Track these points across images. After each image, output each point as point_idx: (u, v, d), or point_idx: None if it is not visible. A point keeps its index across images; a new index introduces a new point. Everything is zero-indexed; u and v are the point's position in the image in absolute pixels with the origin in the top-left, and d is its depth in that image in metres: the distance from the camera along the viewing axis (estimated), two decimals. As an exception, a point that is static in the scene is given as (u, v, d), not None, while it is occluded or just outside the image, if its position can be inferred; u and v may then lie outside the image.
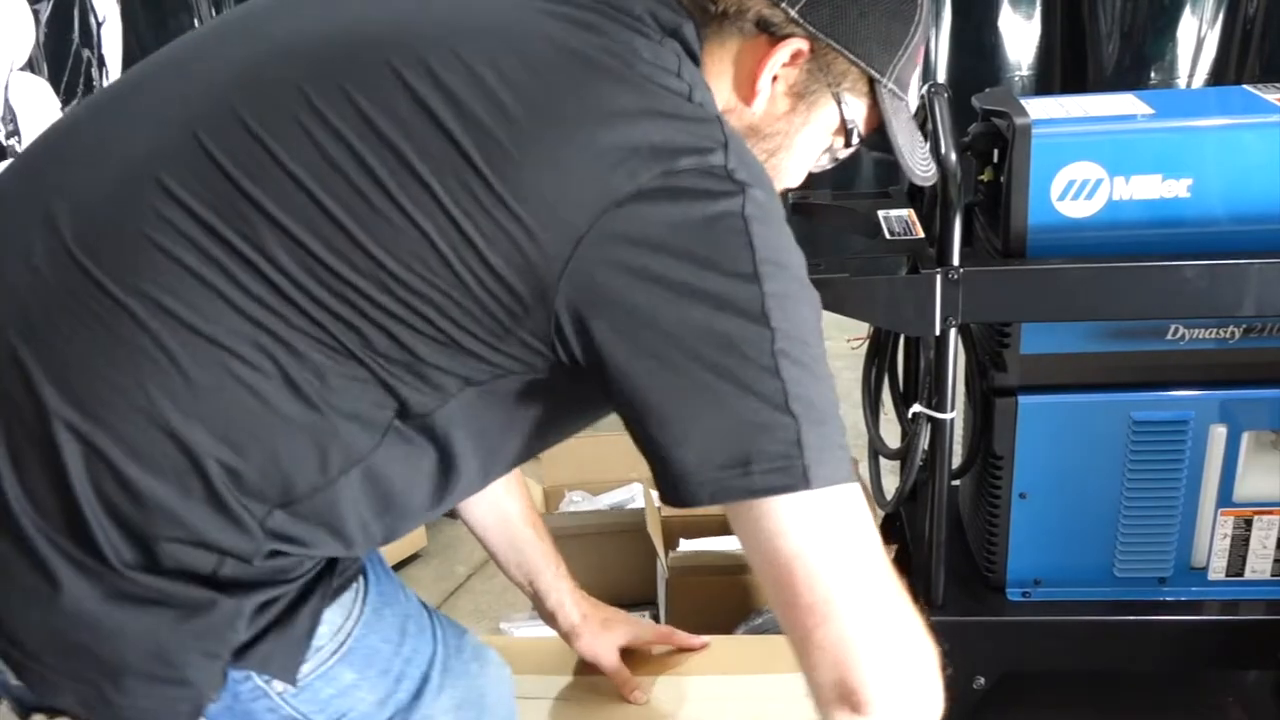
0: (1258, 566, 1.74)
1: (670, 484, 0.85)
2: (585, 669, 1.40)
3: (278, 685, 0.91)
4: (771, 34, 0.96)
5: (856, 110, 1.02)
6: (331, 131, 0.82)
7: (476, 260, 0.81)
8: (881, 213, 1.76)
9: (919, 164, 1.08)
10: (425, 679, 1.00)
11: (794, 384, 0.83)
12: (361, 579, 0.97)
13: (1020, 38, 3.72)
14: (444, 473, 0.92)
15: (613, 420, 0.88)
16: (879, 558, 0.88)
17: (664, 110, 0.85)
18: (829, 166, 1.10)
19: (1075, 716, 1.93)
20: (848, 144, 1.05)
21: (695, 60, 0.95)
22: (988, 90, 1.75)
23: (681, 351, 0.82)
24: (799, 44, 0.96)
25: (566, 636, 1.40)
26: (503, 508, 1.34)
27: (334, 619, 0.93)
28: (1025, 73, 3.74)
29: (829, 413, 0.86)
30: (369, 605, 0.97)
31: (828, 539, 0.84)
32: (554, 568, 1.38)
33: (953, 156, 1.54)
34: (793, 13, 0.95)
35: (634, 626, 1.45)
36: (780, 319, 0.84)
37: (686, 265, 0.82)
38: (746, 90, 0.98)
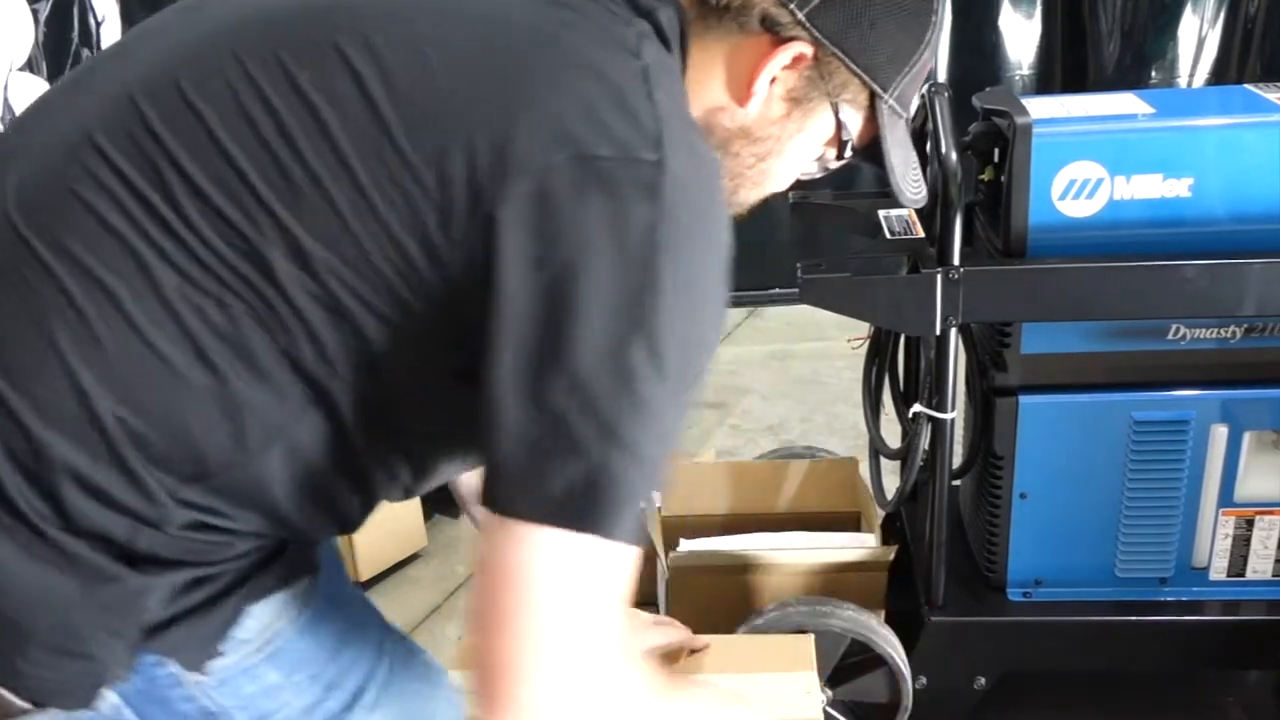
0: (1259, 567, 1.74)
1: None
2: None
3: (193, 675, 0.89)
4: (775, 34, 0.93)
5: (853, 122, 0.98)
6: (262, 100, 0.82)
7: (384, 236, 0.80)
8: (882, 212, 1.76)
9: (909, 185, 1.04)
10: (360, 692, 0.97)
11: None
12: (309, 582, 0.95)
13: (1021, 37, 3.72)
14: (363, 459, 0.89)
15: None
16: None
17: (598, 99, 0.81)
18: (817, 175, 1.07)
19: (1076, 717, 1.93)
20: (840, 156, 1.02)
21: (668, 46, 0.90)
22: (988, 89, 1.75)
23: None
24: (803, 48, 0.93)
25: None
26: None
27: (264, 615, 0.91)
28: (1026, 72, 3.74)
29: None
30: (309, 609, 0.94)
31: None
32: None
33: (953, 156, 1.54)
34: (800, 15, 0.92)
35: (661, 631, 1.44)
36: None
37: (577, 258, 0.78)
38: (742, 90, 0.94)
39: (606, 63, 0.83)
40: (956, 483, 1.99)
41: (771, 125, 0.97)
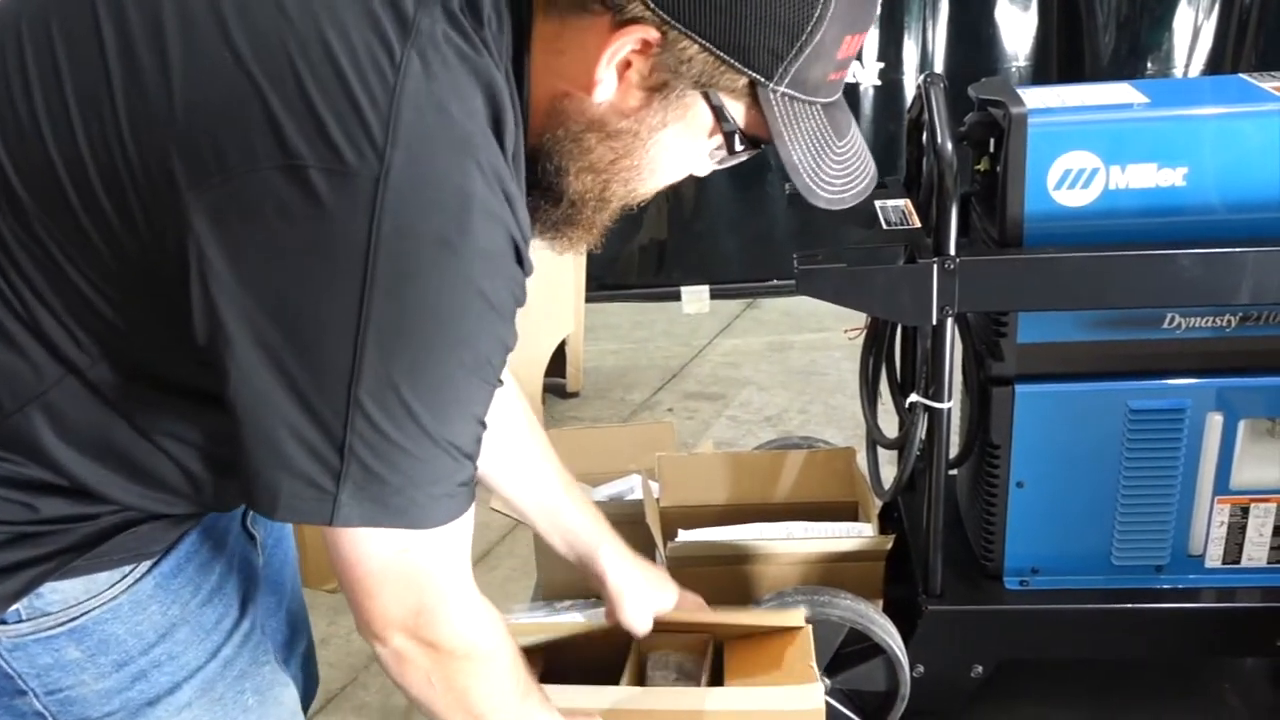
0: (1254, 554, 1.74)
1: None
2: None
3: None
4: (617, 14, 0.82)
5: (736, 112, 0.87)
6: (18, 57, 0.82)
7: (94, 202, 0.78)
8: (878, 203, 1.76)
9: (823, 184, 0.90)
10: (173, 689, 0.96)
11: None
12: (148, 569, 0.93)
13: (1017, 28, 3.72)
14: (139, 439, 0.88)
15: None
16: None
17: (322, 95, 0.75)
18: (718, 168, 0.97)
19: (1073, 704, 1.93)
20: (731, 150, 0.91)
21: (479, 20, 0.81)
22: (984, 80, 1.76)
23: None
24: (649, 31, 0.82)
25: (611, 604, 1.41)
26: (538, 481, 1.35)
27: (71, 591, 0.90)
28: (1022, 63, 3.74)
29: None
30: (132, 595, 0.92)
31: None
32: (595, 535, 1.39)
33: (949, 146, 1.54)
34: None
35: (671, 595, 1.44)
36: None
37: (276, 260, 0.76)
38: (586, 77, 0.85)
39: (349, 46, 0.76)
40: (953, 472, 1.99)
41: (628, 118, 0.87)
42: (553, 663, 1.42)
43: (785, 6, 0.82)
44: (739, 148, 0.90)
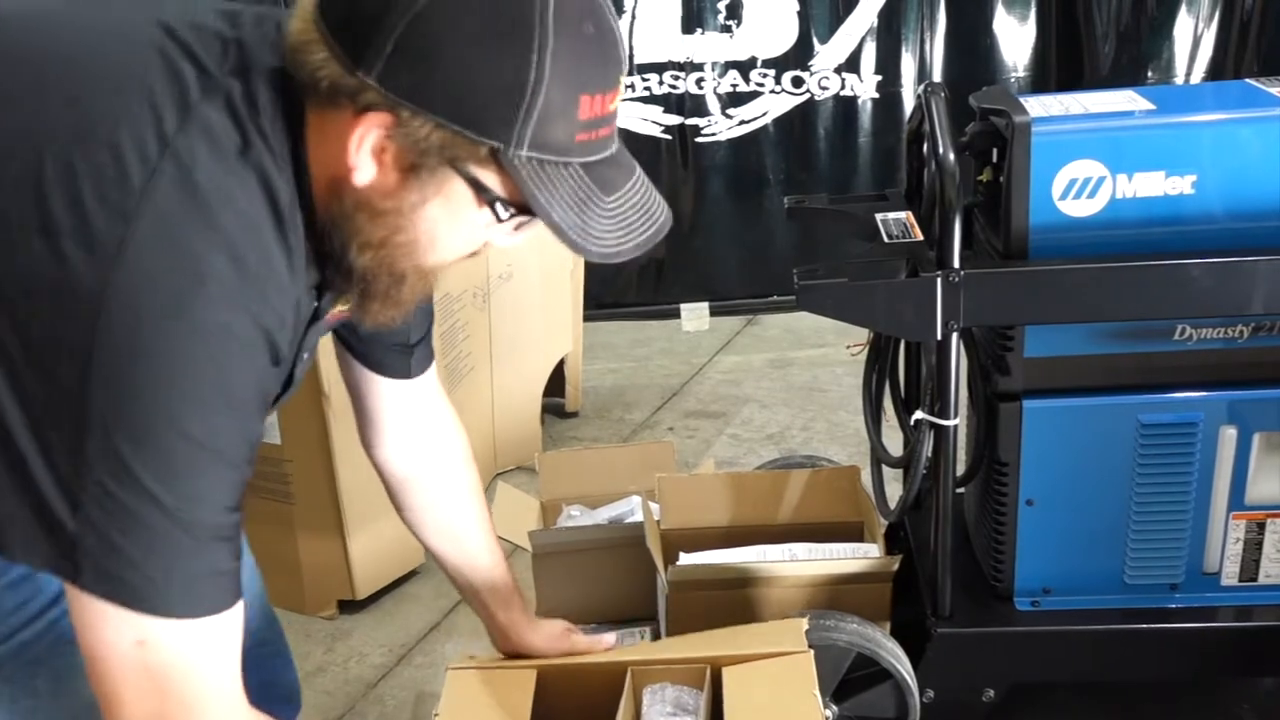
0: (1272, 571, 1.71)
1: None
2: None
3: None
4: (356, 104, 0.87)
5: (492, 182, 0.90)
6: None
7: None
8: (879, 215, 1.73)
9: (594, 240, 0.91)
10: None
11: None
12: None
13: (1015, 39, 3.71)
14: None
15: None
16: None
17: (88, 179, 0.84)
18: (508, 245, 0.99)
19: (1087, 727, 1.90)
20: (500, 219, 0.92)
21: (255, 110, 0.89)
22: (985, 89, 1.73)
23: None
24: (382, 117, 0.86)
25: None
26: (465, 546, 1.42)
27: None
28: (1020, 74, 3.73)
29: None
30: None
31: None
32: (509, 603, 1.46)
33: (950, 157, 1.52)
34: (369, 79, 0.85)
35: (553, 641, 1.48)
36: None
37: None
38: (345, 163, 0.89)
39: (126, 133, 0.85)
40: (961, 490, 1.96)
41: (389, 198, 0.91)
42: (543, 700, 1.38)
43: (502, 74, 0.85)
44: (505, 215, 0.92)
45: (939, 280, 1.52)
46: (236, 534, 0.90)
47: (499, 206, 0.91)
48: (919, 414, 1.66)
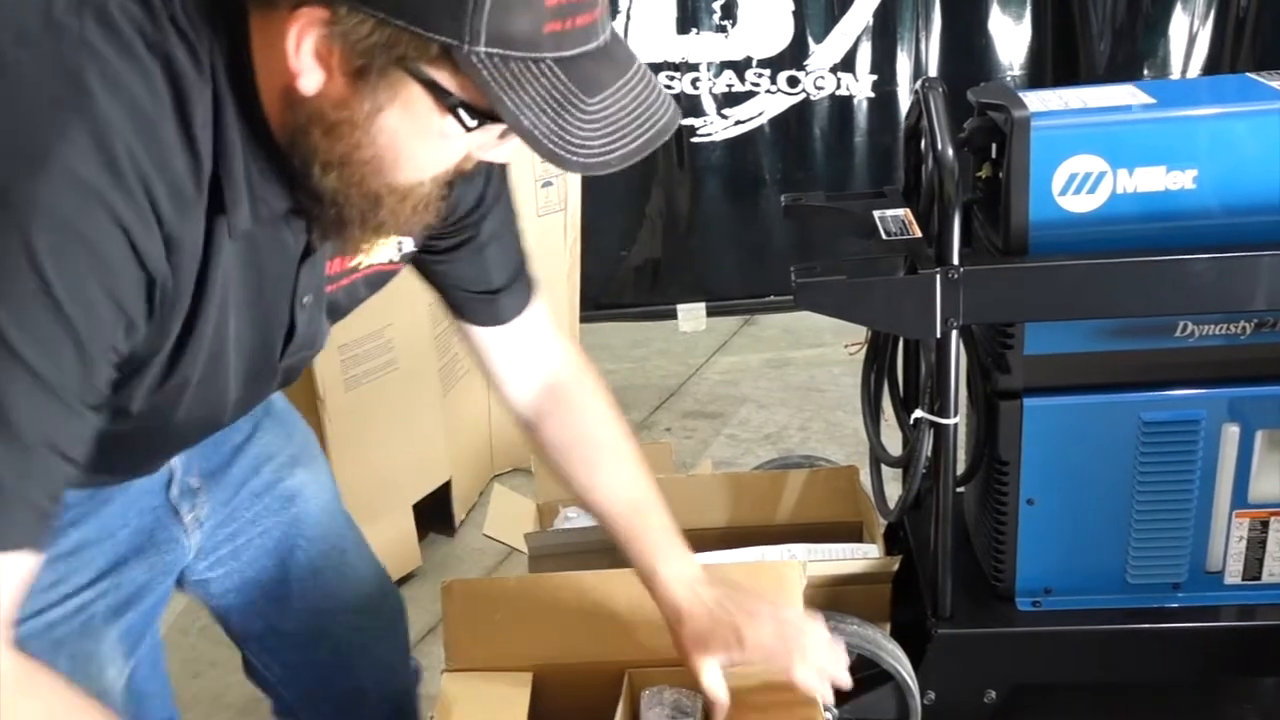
0: (1275, 570, 1.69)
1: None
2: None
3: None
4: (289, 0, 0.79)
5: (451, 83, 0.80)
6: None
7: None
8: (877, 213, 1.72)
9: (572, 148, 0.80)
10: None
11: None
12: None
13: (1011, 38, 3.70)
14: None
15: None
16: None
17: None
18: (496, 159, 0.91)
19: (1089, 728, 1.88)
20: (467, 126, 0.82)
21: (174, 21, 0.80)
22: (983, 84, 1.72)
23: None
24: (314, 12, 0.78)
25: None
26: (599, 480, 1.29)
27: None
28: (1016, 73, 3.72)
29: None
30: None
31: None
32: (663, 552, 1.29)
33: (949, 152, 1.50)
34: None
35: (739, 650, 1.24)
36: None
37: None
38: (289, 69, 0.80)
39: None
40: (960, 490, 1.95)
41: (341, 107, 0.82)
42: (539, 702, 1.36)
43: None
44: (471, 123, 0.82)
45: (938, 277, 1.50)
46: (61, 474, 0.80)
47: (462, 112, 0.81)
48: (918, 413, 1.65)
